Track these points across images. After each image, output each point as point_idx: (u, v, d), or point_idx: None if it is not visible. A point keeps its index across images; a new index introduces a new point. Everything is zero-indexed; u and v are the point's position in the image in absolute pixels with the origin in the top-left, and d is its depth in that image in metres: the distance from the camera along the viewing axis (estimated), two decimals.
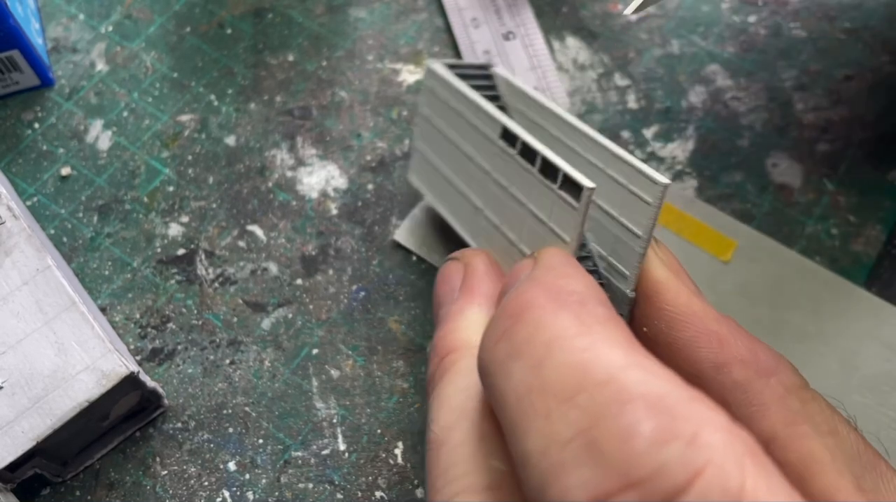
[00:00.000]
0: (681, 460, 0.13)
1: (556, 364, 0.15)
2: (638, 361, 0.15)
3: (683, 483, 0.12)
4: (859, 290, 0.29)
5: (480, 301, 0.21)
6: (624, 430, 0.13)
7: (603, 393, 0.14)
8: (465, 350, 0.20)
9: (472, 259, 0.23)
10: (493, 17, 0.34)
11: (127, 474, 0.27)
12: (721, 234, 0.30)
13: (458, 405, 0.18)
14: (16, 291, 0.26)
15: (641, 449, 0.13)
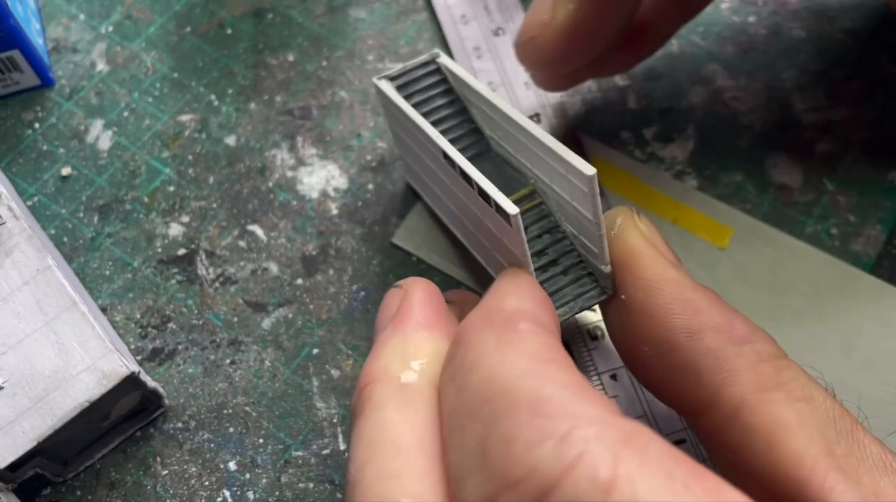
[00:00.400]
0: (553, 457, 0.13)
1: (474, 381, 0.16)
2: (537, 369, 0.15)
3: (555, 478, 0.13)
4: (856, 271, 0.29)
5: (409, 327, 0.20)
6: (506, 435, 0.14)
7: (499, 403, 0.15)
8: (382, 380, 0.19)
9: (410, 286, 0.22)
10: (482, 13, 0.34)
11: (127, 474, 0.27)
12: (716, 222, 0.30)
13: (373, 440, 0.18)
14: (16, 291, 0.26)
15: (518, 452, 0.13)
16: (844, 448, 0.18)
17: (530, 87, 0.32)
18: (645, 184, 0.31)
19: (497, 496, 0.14)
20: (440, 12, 0.34)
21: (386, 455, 0.17)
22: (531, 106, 0.32)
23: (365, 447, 0.18)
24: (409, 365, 0.19)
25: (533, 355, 0.16)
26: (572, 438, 0.13)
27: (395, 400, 0.18)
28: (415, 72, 0.27)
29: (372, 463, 0.17)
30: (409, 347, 0.19)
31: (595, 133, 0.32)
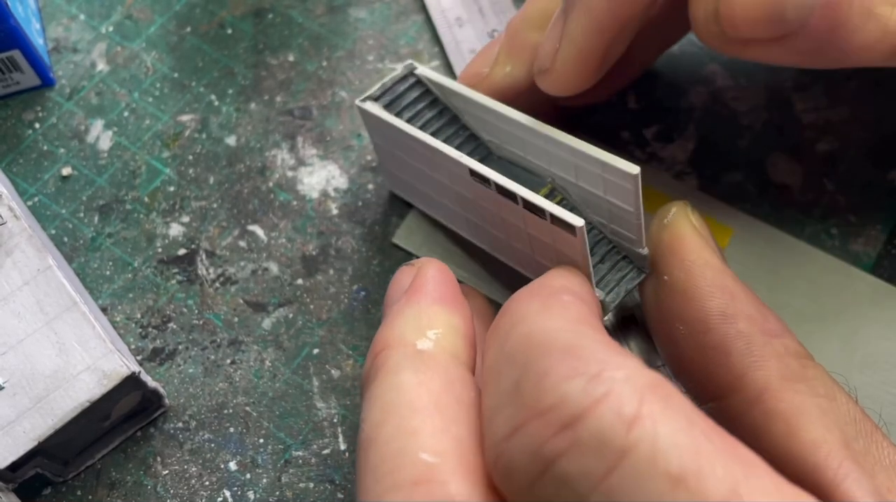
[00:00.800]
0: (582, 392, 0.14)
1: (514, 335, 0.17)
2: (574, 327, 0.16)
3: (582, 410, 0.14)
4: (857, 271, 0.29)
5: (423, 301, 0.21)
6: (539, 373, 0.15)
7: (535, 350, 0.16)
8: (397, 347, 0.19)
9: (425, 264, 0.23)
10: (477, 15, 0.34)
11: (128, 474, 0.27)
12: (717, 221, 0.30)
13: (389, 402, 0.18)
14: (17, 291, 0.26)
15: (549, 386, 0.15)
16: (862, 446, 0.19)
17: None
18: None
19: (526, 423, 0.15)
20: (435, 15, 0.34)
21: (402, 414, 0.17)
22: None
23: (380, 408, 0.18)
24: (424, 333, 0.19)
25: (572, 318, 0.17)
26: (601, 377, 0.14)
27: (411, 366, 0.19)
28: (396, 87, 0.27)
29: (388, 422, 0.17)
30: (423, 318, 0.20)
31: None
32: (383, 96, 0.27)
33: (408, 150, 0.27)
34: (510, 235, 0.26)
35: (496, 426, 0.16)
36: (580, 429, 0.14)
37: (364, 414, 0.18)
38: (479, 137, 0.28)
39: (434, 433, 0.17)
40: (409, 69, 0.27)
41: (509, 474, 0.15)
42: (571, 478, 0.14)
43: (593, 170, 0.24)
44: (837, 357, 0.28)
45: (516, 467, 0.15)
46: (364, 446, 0.18)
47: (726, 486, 0.14)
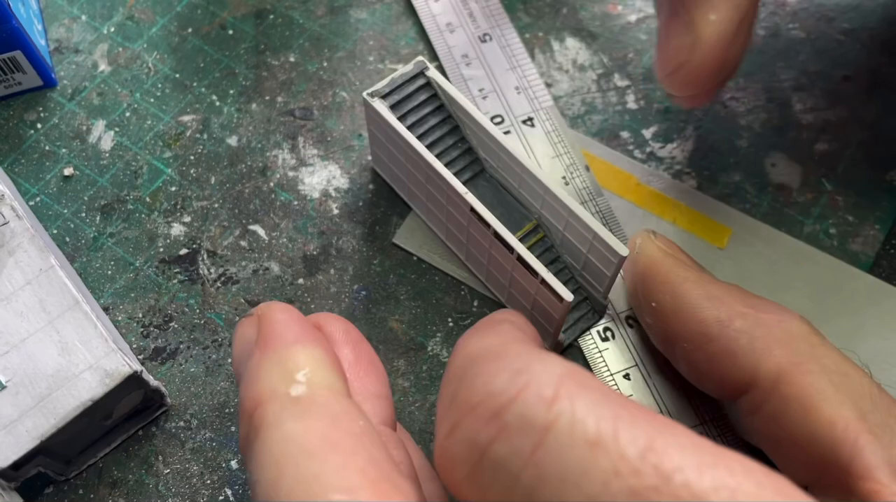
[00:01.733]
0: (506, 384, 0.15)
1: (455, 361, 0.18)
2: (507, 342, 0.18)
3: (508, 399, 0.15)
4: (855, 270, 0.29)
5: (279, 346, 0.20)
6: (470, 378, 0.16)
7: (468, 364, 0.17)
8: (270, 400, 0.18)
9: (266, 311, 0.21)
10: (468, 20, 0.34)
11: (130, 472, 0.27)
12: (716, 222, 0.30)
13: (279, 455, 0.17)
14: (19, 291, 0.26)
15: (478, 386, 0.16)
16: (879, 418, 0.19)
17: (521, 92, 0.32)
18: (644, 184, 0.31)
19: (460, 420, 0.16)
20: (426, 21, 0.34)
21: (298, 463, 0.17)
22: (524, 110, 0.32)
23: (272, 465, 0.17)
24: (293, 378, 0.19)
25: (506, 338, 0.18)
26: (522, 371, 0.16)
27: (291, 415, 0.18)
28: (405, 86, 0.27)
29: (285, 475, 0.17)
30: (287, 363, 0.19)
31: (595, 133, 0.32)
32: (391, 94, 0.27)
33: (406, 155, 0.27)
34: (491, 263, 0.27)
35: (438, 435, 0.17)
36: (506, 415, 0.15)
37: (255, 477, 0.17)
38: (477, 153, 0.28)
39: (337, 470, 0.16)
40: (420, 67, 0.28)
41: (451, 469, 0.16)
42: (504, 460, 0.15)
43: (584, 233, 0.25)
44: None
45: (456, 461, 0.16)
46: None
47: (642, 444, 0.14)
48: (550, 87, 0.33)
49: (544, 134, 0.31)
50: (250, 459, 0.18)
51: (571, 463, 0.14)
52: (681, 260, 0.25)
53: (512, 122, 0.32)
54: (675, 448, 0.15)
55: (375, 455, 0.17)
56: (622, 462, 0.14)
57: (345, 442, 0.17)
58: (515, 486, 0.15)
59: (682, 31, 0.25)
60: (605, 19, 0.35)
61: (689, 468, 0.14)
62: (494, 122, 0.32)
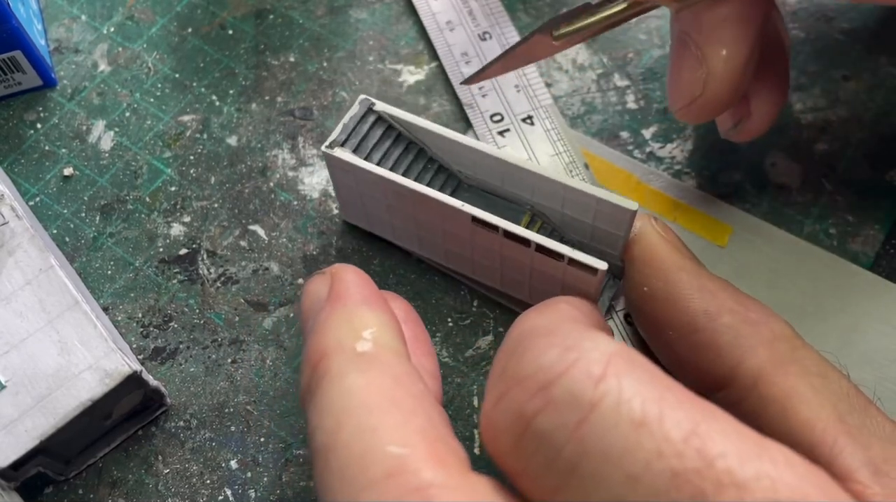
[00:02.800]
0: (556, 360, 0.16)
1: (510, 336, 0.18)
2: (561, 319, 0.18)
3: (556, 374, 0.16)
4: (855, 268, 0.29)
5: (350, 304, 0.20)
6: (521, 352, 0.17)
7: (521, 339, 0.17)
8: (336, 353, 0.19)
9: (339, 271, 0.22)
10: (468, 18, 0.34)
11: (129, 472, 0.27)
12: (716, 220, 0.30)
13: (341, 407, 0.18)
14: (19, 291, 0.26)
15: (528, 359, 0.16)
16: (857, 420, 0.19)
17: (521, 90, 0.32)
18: (644, 184, 0.31)
19: (508, 391, 0.16)
20: (426, 20, 0.34)
21: (359, 415, 0.17)
22: (524, 108, 0.32)
23: (333, 415, 0.18)
24: (360, 335, 0.19)
25: (563, 314, 0.19)
26: (572, 348, 0.16)
27: (355, 368, 0.18)
28: (360, 128, 0.27)
29: (345, 426, 0.17)
30: (354, 320, 0.20)
31: (594, 133, 0.32)
32: (349, 139, 0.27)
33: (385, 193, 0.27)
34: (505, 265, 0.27)
35: (485, 404, 0.17)
36: (554, 390, 0.15)
37: (314, 425, 0.18)
38: (449, 168, 0.28)
39: (396, 427, 0.17)
40: (366, 104, 0.27)
41: (496, 438, 0.16)
42: (548, 433, 0.15)
43: (585, 202, 0.25)
44: (836, 353, 0.28)
45: (501, 430, 0.16)
46: (322, 455, 0.17)
47: (686, 427, 0.15)
48: (550, 86, 0.33)
49: (543, 132, 0.31)
50: (311, 408, 0.19)
51: (615, 441, 0.15)
52: (678, 248, 0.25)
53: (511, 121, 0.32)
54: (719, 433, 0.15)
55: (433, 417, 0.18)
56: (665, 443, 0.15)
57: (405, 401, 0.18)
58: (557, 459, 0.15)
59: (693, 64, 0.25)
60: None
61: (731, 455, 0.15)
62: (493, 120, 0.32)
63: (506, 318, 0.29)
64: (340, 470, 0.17)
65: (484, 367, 0.28)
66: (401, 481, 0.16)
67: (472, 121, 0.32)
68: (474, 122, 0.32)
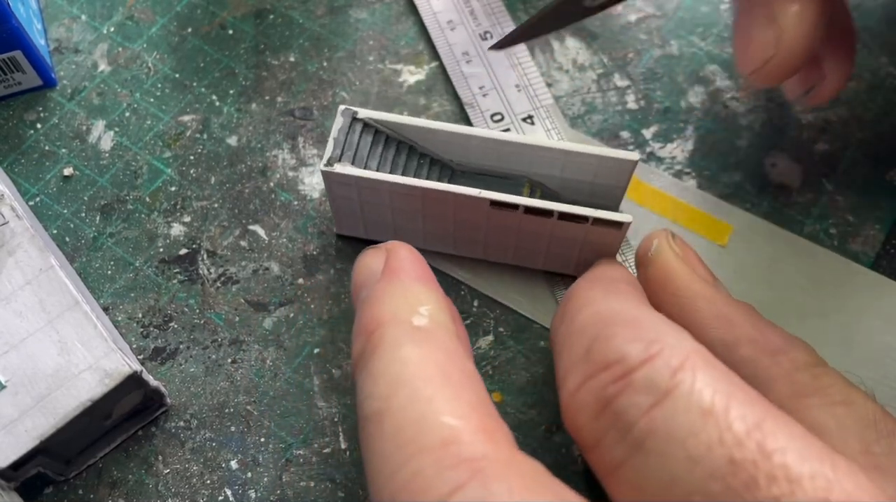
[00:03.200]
0: (640, 350, 0.17)
1: (584, 314, 0.20)
2: (636, 307, 0.19)
3: (639, 362, 0.17)
4: (856, 266, 0.29)
5: (406, 279, 0.21)
6: (606, 337, 0.18)
7: (603, 323, 0.19)
8: (393, 324, 0.20)
9: (395, 247, 0.23)
10: (469, 18, 0.34)
11: (129, 473, 0.27)
12: (716, 219, 0.30)
13: (396, 374, 0.18)
14: (19, 291, 0.26)
15: (614, 347, 0.18)
16: (885, 447, 0.19)
17: (522, 90, 0.32)
18: (645, 183, 0.31)
19: (595, 374, 0.18)
20: (426, 19, 0.34)
21: (415, 384, 0.18)
22: (524, 108, 0.32)
23: (388, 382, 0.18)
24: (417, 310, 0.20)
25: (633, 301, 0.20)
26: (656, 341, 0.17)
27: (411, 340, 0.19)
28: (350, 139, 0.27)
29: (400, 393, 0.18)
30: (410, 295, 0.21)
31: (595, 133, 0.32)
32: (344, 153, 0.27)
33: (391, 198, 0.27)
34: (521, 241, 0.28)
35: (569, 383, 0.18)
36: (635, 376, 0.17)
37: (367, 391, 0.19)
38: (441, 159, 0.28)
39: (449, 399, 0.18)
40: (350, 114, 0.27)
41: (577, 413, 0.18)
42: (624, 411, 0.17)
43: (586, 162, 0.26)
44: (838, 352, 0.28)
45: (583, 406, 0.18)
46: (375, 419, 0.18)
47: (751, 421, 0.16)
48: (550, 86, 0.33)
49: (544, 132, 0.31)
50: (363, 374, 0.19)
51: (682, 424, 0.16)
52: (696, 271, 0.24)
53: (512, 120, 0.32)
54: (783, 432, 0.16)
55: (481, 394, 0.19)
56: (728, 432, 0.16)
57: (457, 376, 0.19)
58: (628, 434, 0.17)
59: (762, 24, 0.24)
60: (606, 19, 0.35)
61: (791, 451, 0.16)
62: (494, 119, 0.32)
63: (506, 318, 0.29)
64: (394, 433, 0.17)
65: (484, 367, 0.28)
66: (454, 450, 0.16)
67: (472, 120, 0.32)
68: (475, 121, 0.32)
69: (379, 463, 0.17)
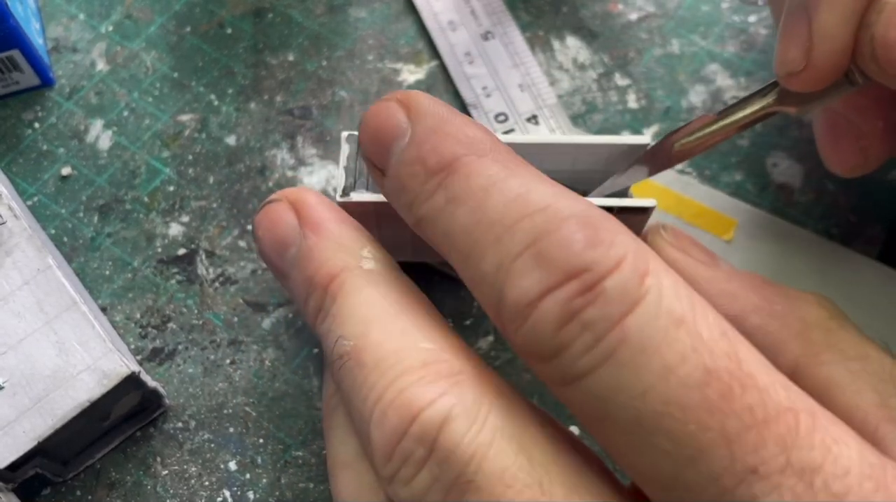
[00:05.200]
0: (606, 256, 0.16)
1: (497, 202, 0.18)
2: (562, 191, 0.18)
3: (608, 270, 0.16)
4: (863, 258, 0.29)
5: (333, 226, 0.22)
6: (563, 240, 0.17)
7: (543, 216, 0.17)
8: (346, 272, 0.21)
9: (298, 195, 0.23)
10: (470, 18, 0.34)
11: (128, 474, 0.27)
12: (721, 214, 0.30)
13: (364, 315, 0.20)
14: (17, 291, 0.26)
15: (577, 251, 0.17)
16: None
17: (525, 90, 0.32)
18: (648, 179, 0.31)
19: (561, 284, 0.17)
20: (427, 20, 0.34)
21: (385, 320, 0.19)
22: (528, 108, 0.32)
23: (358, 321, 0.19)
24: (359, 254, 0.21)
25: (548, 181, 0.19)
26: (615, 242, 0.17)
27: (366, 283, 0.20)
28: (360, 165, 0.26)
29: (374, 329, 0.19)
30: (347, 242, 0.21)
31: (595, 132, 0.32)
32: (357, 180, 0.26)
33: None
34: None
35: (522, 287, 0.17)
36: (606, 285, 0.16)
37: (338, 333, 0.20)
38: None
39: (420, 328, 0.19)
40: (355, 140, 0.26)
41: (537, 324, 0.17)
42: (592, 322, 0.16)
43: (597, 153, 0.26)
44: None
45: (544, 317, 0.17)
46: (353, 355, 0.19)
47: (717, 330, 0.16)
48: (551, 86, 0.33)
49: (548, 132, 0.31)
50: (328, 321, 0.20)
51: (655, 333, 0.16)
52: (692, 255, 0.24)
53: (516, 120, 0.32)
54: (742, 342, 0.16)
55: (438, 316, 0.20)
56: (699, 340, 0.16)
57: (417, 307, 0.20)
58: (597, 345, 0.16)
59: (803, 27, 0.23)
60: (606, 18, 0.35)
61: (753, 361, 0.16)
62: (498, 120, 0.32)
63: None
64: (376, 363, 0.18)
65: None
66: (436, 368, 0.18)
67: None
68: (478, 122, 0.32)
69: (364, 391, 0.18)
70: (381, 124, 0.21)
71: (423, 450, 0.17)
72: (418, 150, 0.19)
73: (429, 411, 0.17)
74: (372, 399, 0.18)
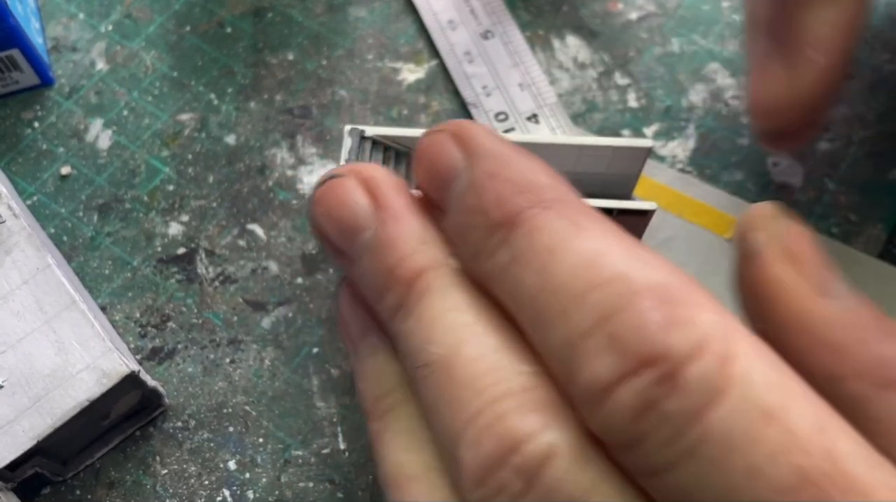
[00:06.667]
0: (685, 340, 0.15)
1: (564, 267, 0.16)
2: (637, 255, 0.16)
3: (688, 357, 0.15)
4: (864, 256, 0.29)
5: (412, 217, 0.20)
6: (637, 321, 0.15)
7: (614, 289, 0.16)
8: (437, 268, 0.19)
9: (366, 172, 0.20)
10: (469, 17, 0.34)
11: (127, 473, 0.27)
12: (721, 212, 0.30)
13: (455, 323, 0.18)
14: (16, 290, 0.26)
15: (653, 334, 0.15)
16: None
17: (525, 89, 0.32)
18: (648, 177, 0.31)
19: (634, 372, 0.15)
20: (427, 19, 0.34)
21: (478, 330, 0.18)
22: (528, 107, 0.32)
23: (448, 330, 0.18)
24: (445, 252, 0.19)
25: (621, 241, 0.17)
26: (696, 322, 0.15)
27: (455, 286, 0.18)
28: (362, 159, 0.26)
29: (467, 342, 0.17)
30: (430, 235, 0.19)
31: (596, 131, 0.32)
32: None
33: None
34: None
35: (595, 372, 0.16)
36: (686, 375, 0.15)
37: (423, 338, 0.18)
38: None
39: (513, 348, 0.17)
40: (357, 135, 0.26)
41: (612, 413, 0.16)
42: (673, 414, 0.15)
43: (599, 154, 0.26)
44: None
45: (621, 406, 0.15)
46: (441, 368, 0.17)
47: (814, 422, 0.14)
48: (551, 85, 0.33)
49: (549, 131, 0.31)
50: (409, 322, 0.18)
51: (741, 429, 0.14)
52: (806, 275, 0.19)
53: (516, 119, 0.32)
54: (847, 435, 0.15)
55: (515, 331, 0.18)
56: (792, 438, 0.14)
57: (502, 317, 0.18)
58: (678, 440, 0.15)
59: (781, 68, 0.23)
60: (606, 17, 0.35)
61: (858, 459, 0.14)
62: (499, 119, 0.32)
63: None
64: (470, 379, 0.17)
65: None
66: (536, 395, 0.16)
67: (476, 120, 0.32)
68: (479, 121, 0.32)
69: (455, 407, 0.17)
70: (434, 160, 0.19)
71: (521, 484, 0.16)
72: (478, 200, 0.18)
73: (531, 445, 0.16)
74: (463, 418, 0.17)
